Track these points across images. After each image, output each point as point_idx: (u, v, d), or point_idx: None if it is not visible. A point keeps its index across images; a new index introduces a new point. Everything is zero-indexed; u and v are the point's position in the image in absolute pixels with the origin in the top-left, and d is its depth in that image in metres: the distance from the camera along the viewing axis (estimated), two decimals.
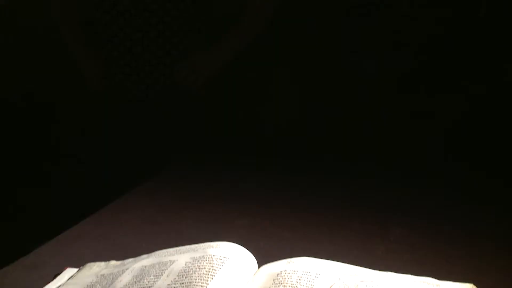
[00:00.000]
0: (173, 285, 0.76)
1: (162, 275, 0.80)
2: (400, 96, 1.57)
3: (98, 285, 0.83)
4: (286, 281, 0.76)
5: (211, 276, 0.76)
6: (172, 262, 0.83)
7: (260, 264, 0.85)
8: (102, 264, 0.90)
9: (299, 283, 0.75)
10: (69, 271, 0.90)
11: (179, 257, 0.84)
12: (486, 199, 1.18)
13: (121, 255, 0.93)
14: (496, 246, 0.97)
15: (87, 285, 0.84)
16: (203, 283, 0.74)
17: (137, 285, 0.79)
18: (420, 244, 0.99)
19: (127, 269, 0.85)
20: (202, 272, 0.77)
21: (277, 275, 0.78)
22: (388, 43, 1.64)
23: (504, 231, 1.03)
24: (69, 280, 0.87)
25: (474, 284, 0.75)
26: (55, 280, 0.88)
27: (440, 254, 0.95)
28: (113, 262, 0.91)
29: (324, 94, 1.61)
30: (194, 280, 0.75)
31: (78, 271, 0.90)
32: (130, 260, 0.89)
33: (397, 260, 0.92)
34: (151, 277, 0.80)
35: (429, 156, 1.41)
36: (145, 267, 0.84)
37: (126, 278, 0.82)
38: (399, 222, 1.08)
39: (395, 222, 1.08)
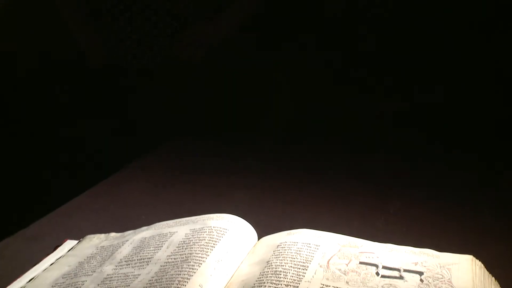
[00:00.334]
0: (173, 256, 0.76)
1: (162, 246, 0.80)
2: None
3: (98, 256, 0.83)
4: (286, 253, 0.76)
5: (211, 247, 0.76)
6: (172, 233, 0.83)
7: (260, 236, 0.85)
8: (102, 236, 0.91)
9: (299, 254, 0.75)
10: (69, 243, 0.90)
11: (179, 229, 0.84)
12: (486, 173, 1.18)
13: (121, 228, 0.93)
14: (496, 219, 0.97)
15: (87, 257, 0.84)
16: (203, 254, 0.74)
17: (137, 256, 0.79)
18: (420, 216, 0.99)
19: (127, 241, 0.85)
20: (202, 243, 0.77)
21: (277, 247, 0.78)
22: None
23: (504, 204, 1.03)
24: (69, 251, 0.87)
25: (474, 256, 0.75)
26: (55, 252, 0.88)
27: (440, 227, 0.95)
28: (113, 234, 0.91)
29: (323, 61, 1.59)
30: (194, 252, 0.75)
31: (78, 243, 0.90)
32: (130, 232, 0.89)
33: (396, 232, 0.92)
34: (151, 248, 0.80)
35: (428, 130, 1.40)
36: (145, 238, 0.84)
37: (126, 249, 0.82)
38: (399, 195, 1.08)
39: (395, 194, 1.08)
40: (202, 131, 1.53)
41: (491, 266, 0.74)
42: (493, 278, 0.73)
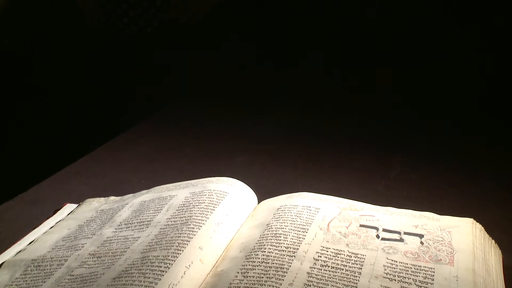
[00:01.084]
0: (172, 219, 0.75)
1: (161, 209, 0.79)
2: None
3: (98, 219, 0.83)
4: (286, 215, 0.75)
5: (210, 210, 0.76)
6: (171, 197, 0.82)
7: (260, 200, 0.85)
8: (102, 199, 0.90)
9: (299, 217, 0.75)
10: (69, 207, 0.90)
11: (178, 192, 0.83)
12: (486, 137, 1.17)
13: (120, 192, 0.93)
14: (496, 184, 0.97)
15: (87, 220, 0.84)
16: (202, 217, 0.74)
17: (137, 219, 0.79)
18: (420, 181, 0.99)
19: (126, 204, 0.85)
20: (201, 206, 0.77)
21: (277, 210, 0.78)
22: None
23: (504, 169, 1.02)
24: (69, 215, 0.87)
25: (474, 219, 0.75)
26: (55, 215, 0.88)
27: (441, 191, 0.94)
28: (112, 198, 0.90)
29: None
30: (193, 214, 0.75)
31: (77, 206, 0.90)
32: (129, 195, 0.89)
33: (397, 197, 0.91)
34: (151, 211, 0.80)
35: (429, 95, 1.39)
36: (145, 202, 0.84)
37: (125, 213, 0.82)
38: (400, 160, 1.07)
39: (395, 159, 1.08)
40: (202, 95, 1.52)
41: (491, 230, 0.74)
42: (493, 241, 0.73)
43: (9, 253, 0.77)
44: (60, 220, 0.86)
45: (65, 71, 1.50)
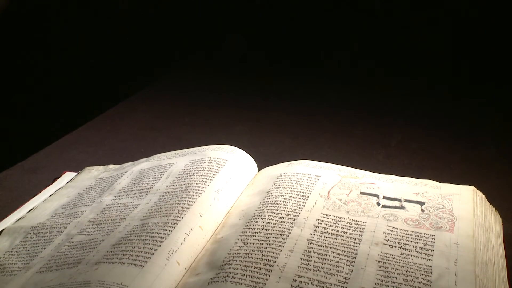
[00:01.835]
0: (172, 187, 0.75)
1: (161, 177, 0.79)
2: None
3: (97, 187, 0.82)
4: (286, 183, 0.75)
5: (210, 177, 0.75)
6: (171, 164, 0.82)
7: (260, 169, 0.84)
8: (101, 168, 0.90)
9: (299, 184, 0.75)
10: (68, 175, 0.90)
11: (178, 160, 0.83)
12: (487, 106, 1.16)
13: (120, 160, 0.93)
14: (497, 152, 0.96)
15: (86, 188, 0.83)
16: (202, 184, 0.74)
17: (136, 187, 0.78)
18: (421, 150, 0.99)
19: (126, 172, 0.85)
20: (201, 174, 0.76)
21: (277, 177, 0.77)
22: None
23: (505, 137, 1.02)
24: (69, 183, 0.87)
25: (475, 187, 0.74)
26: (54, 184, 0.87)
27: (441, 160, 0.94)
28: (111, 166, 0.90)
29: None
30: (193, 182, 0.74)
31: (77, 174, 0.89)
32: (129, 163, 0.89)
33: (398, 165, 0.91)
34: (150, 179, 0.79)
35: (429, 63, 1.37)
36: (144, 170, 0.83)
37: (125, 180, 0.82)
38: (400, 129, 1.07)
39: (396, 128, 1.07)
40: (201, 63, 1.51)
41: (492, 198, 0.74)
42: (494, 209, 0.73)
43: (9, 221, 0.77)
44: (59, 188, 0.85)
45: (67, 37, 1.47)
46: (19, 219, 0.77)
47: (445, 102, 1.20)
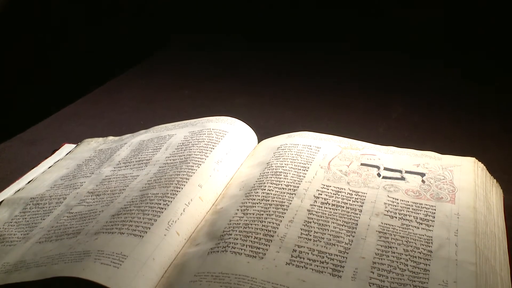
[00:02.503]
0: (171, 158, 0.75)
1: (160, 148, 0.79)
2: None
3: (97, 159, 0.82)
4: (287, 154, 0.75)
5: (210, 149, 0.75)
6: (170, 136, 0.82)
7: (259, 141, 0.84)
8: (100, 139, 0.89)
9: (300, 156, 0.74)
10: (67, 147, 0.89)
11: (177, 132, 0.82)
12: (488, 78, 1.16)
13: (119, 133, 0.92)
14: (499, 125, 0.96)
15: (86, 160, 0.83)
16: (202, 155, 0.73)
17: (136, 158, 0.78)
18: (422, 122, 0.98)
19: (125, 143, 0.84)
20: (201, 145, 0.76)
21: (277, 149, 0.77)
22: None
23: (506, 110, 1.01)
24: (68, 155, 0.86)
25: (477, 159, 0.74)
26: (53, 155, 0.87)
27: (443, 132, 0.94)
28: (110, 138, 0.90)
29: None
30: (193, 153, 0.74)
31: (76, 146, 0.89)
32: (128, 135, 0.88)
33: (398, 137, 0.91)
34: (149, 150, 0.79)
35: (430, 36, 1.36)
36: (143, 141, 0.83)
37: (124, 152, 0.81)
38: (401, 101, 1.06)
39: (397, 101, 1.06)
40: (201, 34, 1.49)
41: (493, 169, 0.74)
42: (495, 180, 0.72)
43: (8, 192, 0.77)
44: (58, 160, 0.85)
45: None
46: (18, 190, 0.77)
47: (446, 75, 1.19)
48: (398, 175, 0.70)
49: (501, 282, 0.56)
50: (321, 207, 0.64)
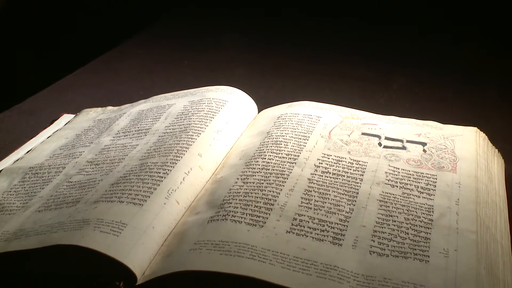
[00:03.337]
0: (171, 127, 0.74)
1: (160, 118, 0.78)
2: None
3: (96, 128, 0.81)
4: (287, 124, 0.74)
5: (210, 118, 0.74)
6: (170, 105, 0.81)
7: (260, 111, 0.83)
8: (99, 109, 0.89)
9: (300, 125, 0.74)
10: (66, 117, 0.89)
11: (177, 101, 0.82)
12: (490, 50, 1.14)
13: (118, 103, 0.91)
14: (501, 95, 0.95)
15: (85, 129, 0.82)
16: (201, 125, 0.73)
17: (135, 127, 0.77)
18: (423, 93, 0.97)
19: (124, 113, 0.84)
20: (200, 114, 0.75)
21: (278, 118, 0.76)
22: None
23: (508, 80, 1.00)
24: (66, 125, 0.86)
25: (478, 128, 0.74)
26: (52, 125, 0.86)
27: (444, 102, 0.93)
28: (110, 108, 0.89)
29: None
30: (192, 122, 0.73)
31: (75, 116, 0.88)
32: (127, 105, 0.88)
33: (400, 108, 0.90)
34: (149, 120, 0.78)
35: (430, 8, 1.34)
36: (143, 111, 0.82)
37: (123, 121, 0.81)
38: (402, 72, 1.05)
39: (398, 71, 1.06)
40: (201, 5, 1.47)
41: (494, 139, 0.74)
42: (496, 150, 0.72)
43: (7, 162, 0.76)
44: (57, 130, 0.85)
45: None
46: (17, 160, 0.76)
47: (447, 46, 1.18)
48: (399, 144, 0.70)
49: (501, 250, 0.56)
50: (322, 176, 0.63)
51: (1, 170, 0.73)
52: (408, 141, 0.70)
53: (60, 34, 1.32)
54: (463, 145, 0.69)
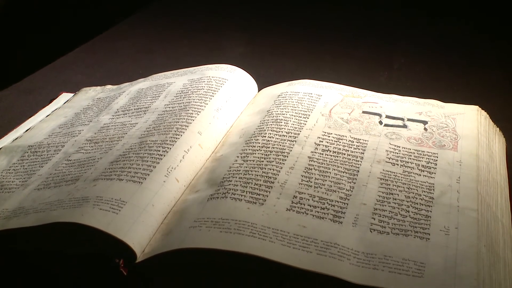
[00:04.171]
0: (170, 105, 0.74)
1: (159, 96, 0.77)
2: None
3: (95, 107, 0.81)
4: (287, 102, 0.74)
5: (209, 96, 0.74)
6: (169, 84, 0.80)
7: (260, 90, 0.83)
8: (98, 88, 0.88)
9: (300, 103, 0.73)
10: (65, 96, 0.88)
11: (176, 80, 0.81)
12: (492, 29, 1.13)
13: (117, 81, 0.91)
14: (502, 74, 0.95)
15: (84, 108, 0.82)
16: (201, 103, 0.72)
17: (134, 106, 0.77)
18: (425, 72, 0.97)
19: (123, 92, 0.83)
20: (200, 92, 0.75)
21: (278, 96, 0.76)
22: None
23: (511, 59, 1.00)
24: (65, 103, 0.85)
25: (480, 107, 0.73)
26: (51, 104, 0.86)
27: (445, 81, 0.93)
28: (109, 86, 0.88)
29: None
30: (192, 100, 0.73)
31: (74, 95, 0.88)
32: (126, 84, 0.87)
33: (401, 87, 0.89)
34: (148, 98, 0.78)
35: None
36: (142, 89, 0.82)
37: (122, 100, 0.80)
38: (404, 52, 1.05)
39: (399, 51, 1.05)
40: None
41: (496, 118, 0.73)
42: (498, 129, 0.72)
43: (6, 140, 0.76)
44: (56, 109, 0.84)
45: None
46: (16, 138, 0.76)
47: (449, 25, 1.17)
48: (400, 123, 0.69)
49: (502, 228, 0.56)
50: (322, 154, 0.63)
51: (0, 148, 0.73)
52: (409, 120, 0.70)
53: (59, 13, 1.31)
54: (464, 124, 0.69)
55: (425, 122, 0.69)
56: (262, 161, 0.61)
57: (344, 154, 0.63)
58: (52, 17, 1.31)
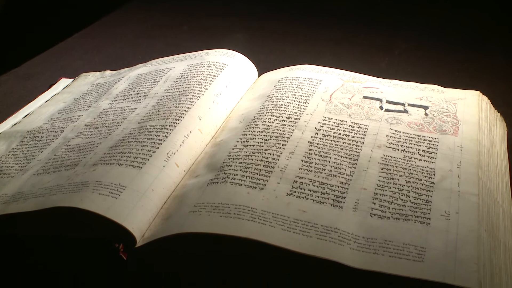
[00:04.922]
0: (170, 91, 0.73)
1: (159, 81, 0.77)
2: None
3: (94, 92, 0.81)
4: (287, 87, 0.73)
5: (209, 81, 0.73)
6: (169, 69, 0.80)
7: (260, 75, 0.82)
8: (97, 73, 0.88)
9: (301, 88, 0.73)
10: (64, 81, 0.88)
11: (176, 65, 0.81)
12: (494, 15, 1.13)
13: (116, 67, 0.90)
14: (504, 59, 0.94)
15: (83, 93, 0.81)
16: (201, 88, 0.72)
17: (134, 91, 0.76)
18: (426, 58, 0.96)
19: (123, 77, 0.83)
20: (200, 77, 0.74)
21: (278, 82, 0.75)
22: None
23: (511, 44, 0.99)
24: (65, 89, 0.85)
25: (481, 92, 0.73)
26: (50, 90, 0.86)
27: (447, 67, 0.92)
28: (108, 72, 0.88)
29: None
30: (192, 85, 0.73)
31: (73, 81, 0.87)
32: (126, 69, 0.87)
33: (401, 73, 0.89)
34: (148, 83, 0.77)
35: None
36: (142, 75, 0.81)
37: (122, 85, 0.80)
38: (405, 37, 1.04)
39: (400, 37, 1.04)
40: None
41: (497, 104, 0.73)
42: (499, 114, 0.71)
43: (5, 126, 0.76)
44: (55, 94, 0.84)
45: None
46: (15, 124, 0.76)
47: (450, 10, 1.16)
48: (400, 108, 0.69)
49: (502, 213, 0.55)
50: (322, 139, 0.63)
51: None
52: (409, 105, 0.69)
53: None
54: (465, 109, 0.68)
55: (426, 107, 0.69)
56: (262, 146, 0.61)
57: (345, 139, 0.63)
58: (51, 2, 1.30)
